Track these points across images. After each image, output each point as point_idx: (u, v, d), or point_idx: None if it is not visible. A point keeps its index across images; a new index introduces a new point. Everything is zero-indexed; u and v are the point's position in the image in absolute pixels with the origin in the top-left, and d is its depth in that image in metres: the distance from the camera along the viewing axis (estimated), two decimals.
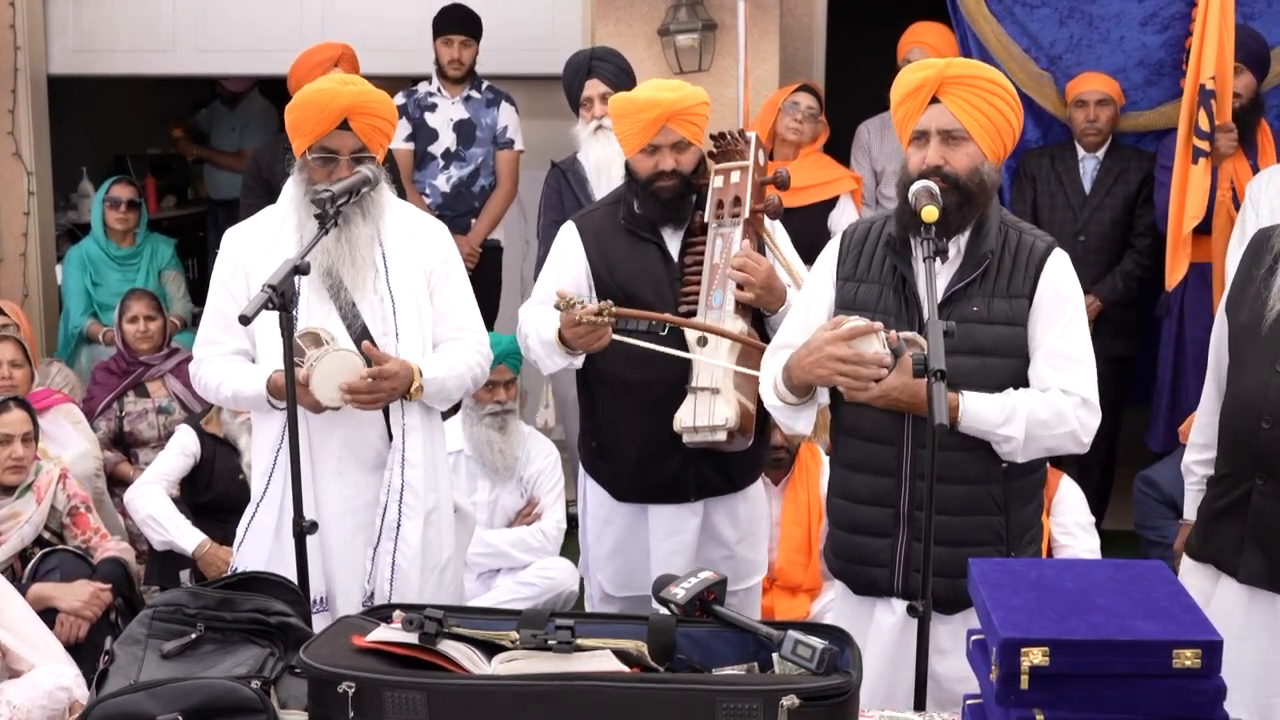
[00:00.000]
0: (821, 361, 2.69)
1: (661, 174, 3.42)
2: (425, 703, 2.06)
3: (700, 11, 5.48)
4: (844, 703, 2.05)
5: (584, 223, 3.56)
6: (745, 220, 3.35)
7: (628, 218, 3.49)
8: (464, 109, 5.67)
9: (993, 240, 2.81)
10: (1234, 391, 2.90)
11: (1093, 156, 5.27)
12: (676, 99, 3.40)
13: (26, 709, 3.02)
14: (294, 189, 3.18)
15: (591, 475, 3.67)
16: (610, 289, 3.45)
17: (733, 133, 3.47)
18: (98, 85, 7.31)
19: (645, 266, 3.46)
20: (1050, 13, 5.34)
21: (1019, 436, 2.72)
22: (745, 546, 3.64)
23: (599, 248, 3.50)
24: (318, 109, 3.07)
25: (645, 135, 3.42)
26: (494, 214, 5.73)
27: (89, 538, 4.09)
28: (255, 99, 8.11)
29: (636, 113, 3.42)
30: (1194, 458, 3.11)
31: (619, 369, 3.43)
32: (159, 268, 5.97)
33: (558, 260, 3.55)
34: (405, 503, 3.16)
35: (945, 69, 2.78)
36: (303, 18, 6.22)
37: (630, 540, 3.60)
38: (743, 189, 3.38)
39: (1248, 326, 2.86)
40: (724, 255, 3.34)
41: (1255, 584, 2.86)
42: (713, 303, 3.31)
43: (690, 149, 3.45)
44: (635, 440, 3.48)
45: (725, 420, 3.18)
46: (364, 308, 3.14)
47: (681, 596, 2.34)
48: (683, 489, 3.49)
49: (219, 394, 3.19)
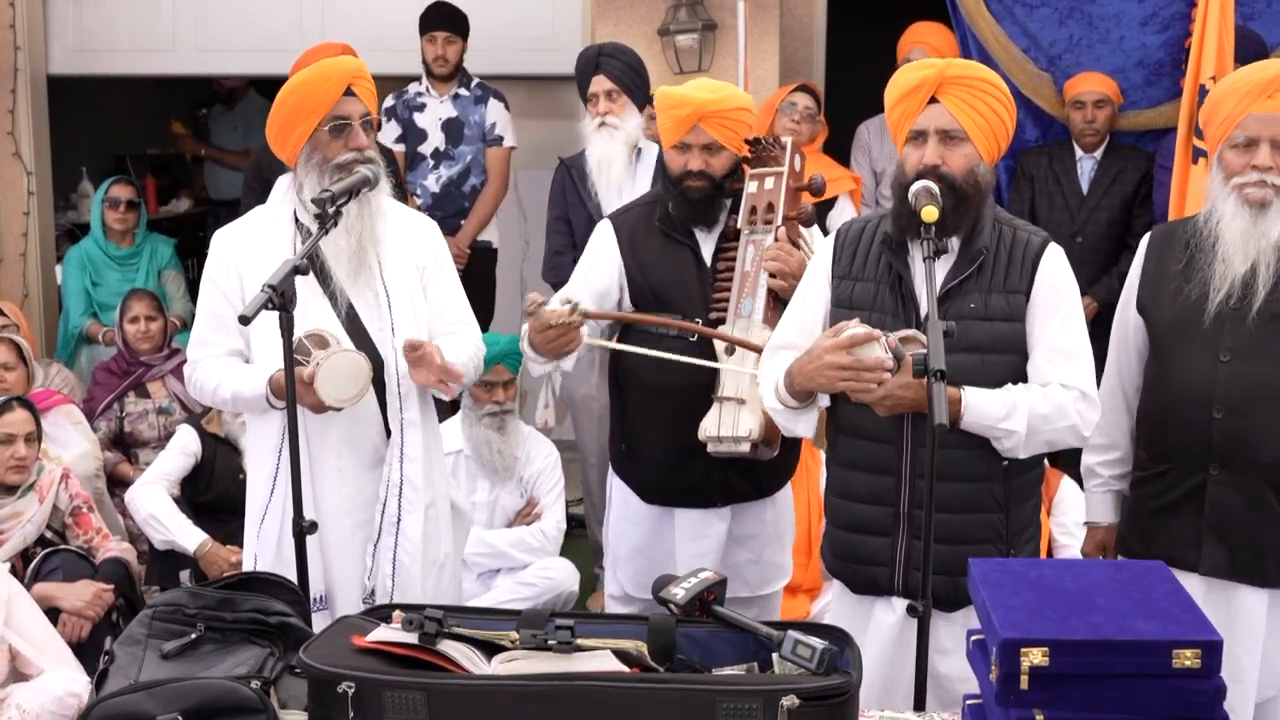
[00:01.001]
0: (822, 370, 2.68)
1: (690, 174, 3.39)
2: (425, 703, 2.06)
3: (700, 11, 5.49)
4: (844, 703, 2.05)
5: (620, 221, 3.53)
6: (778, 227, 3.32)
7: (663, 219, 3.46)
8: (452, 107, 5.65)
9: (987, 236, 2.82)
10: (1173, 385, 2.94)
11: (1090, 156, 5.27)
12: (709, 100, 3.36)
13: (35, 713, 3.01)
14: (290, 182, 3.18)
15: (619, 476, 3.65)
16: (642, 290, 3.43)
17: (768, 138, 3.43)
18: (97, 85, 7.31)
19: (677, 269, 3.43)
20: (1050, 13, 5.34)
21: (1021, 430, 2.73)
22: (772, 551, 3.61)
23: (633, 247, 3.47)
24: (323, 80, 3.09)
25: (677, 132, 3.39)
26: (484, 212, 5.69)
27: (91, 538, 4.09)
28: (255, 98, 8.11)
29: (671, 108, 3.40)
30: (1097, 459, 3.16)
31: (648, 372, 3.40)
32: (159, 267, 5.98)
33: (591, 258, 3.52)
34: (405, 497, 3.17)
35: (945, 69, 2.79)
36: (302, 18, 6.23)
37: (655, 542, 3.57)
38: (776, 195, 3.34)
39: (1175, 321, 2.92)
40: (755, 262, 3.30)
41: (1217, 575, 2.90)
42: (742, 311, 3.27)
43: (723, 152, 3.40)
44: (662, 443, 3.45)
45: (749, 432, 3.15)
46: (360, 306, 3.14)
47: (681, 596, 2.34)
48: (708, 494, 3.46)
49: (216, 396, 3.18)
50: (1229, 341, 2.86)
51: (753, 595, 3.57)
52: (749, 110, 3.47)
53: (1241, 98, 2.86)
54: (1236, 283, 2.84)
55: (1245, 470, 2.86)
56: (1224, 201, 2.87)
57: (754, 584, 3.58)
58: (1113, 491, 3.18)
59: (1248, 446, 2.85)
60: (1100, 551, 3.22)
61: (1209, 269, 2.87)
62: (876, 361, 2.63)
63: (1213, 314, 2.87)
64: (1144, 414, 3.06)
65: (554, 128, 6.29)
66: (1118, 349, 3.09)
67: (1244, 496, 2.87)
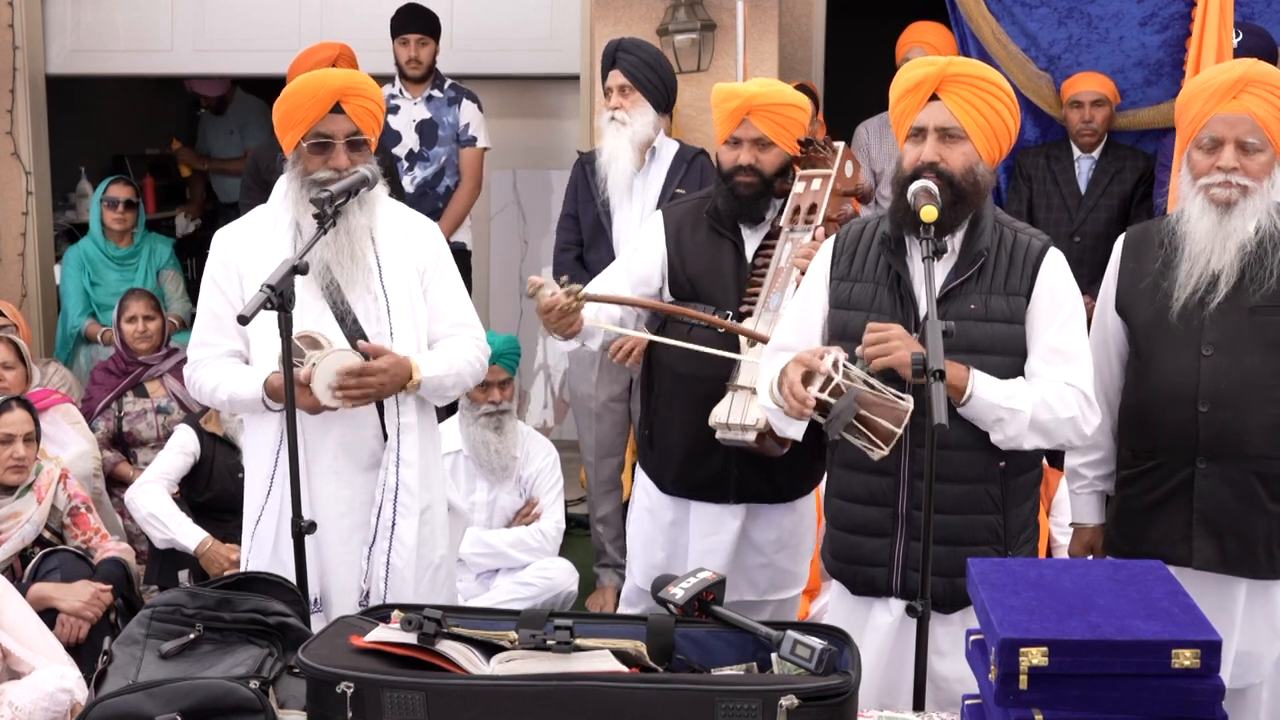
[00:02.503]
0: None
1: (740, 168, 3.41)
2: (424, 703, 2.06)
3: (699, 11, 5.48)
4: (843, 703, 2.05)
5: (671, 212, 3.58)
6: (818, 227, 3.33)
7: (711, 212, 3.49)
8: (425, 109, 5.63)
9: (988, 238, 2.82)
10: (1155, 384, 2.97)
11: (1088, 156, 5.27)
12: (759, 92, 3.39)
13: (29, 710, 3.02)
14: (287, 185, 3.17)
15: (641, 465, 3.67)
16: (680, 280, 3.47)
17: (820, 140, 3.45)
18: (96, 85, 7.31)
19: (717, 263, 3.45)
20: (1049, 12, 5.34)
21: (1025, 411, 2.72)
22: (785, 557, 3.60)
23: (679, 238, 3.50)
24: (310, 94, 3.07)
25: (728, 126, 3.42)
26: (457, 212, 5.66)
27: (89, 538, 4.09)
28: (245, 98, 8.06)
29: (722, 102, 3.43)
30: (1080, 460, 3.19)
31: (675, 360, 3.42)
32: (157, 267, 5.97)
33: (639, 244, 3.58)
34: (400, 501, 3.16)
35: (946, 67, 2.79)
36: (301, 18, 6.22)
37: (671, 536, 3.59)
38: (820, 197, 3.37)
39: (1155, 319, 2.96)
40: (789, 260, 3.32)
41: (1209, 569, 2.92)
42: (770, 304, 3.29)
43: (772, 149, 3.42)
44: (682, 432, 3.47)
45: (756, 421, 3.16)
46: (358, 307, 3.13)
47: (680, 597, 2.34)
48: (723, 488, 3.47)
49: (214, 397, 3.18)
50: (1211, 336, 2.90)
51: (760, 599, 3.58)
52: (801, 109, 3.46)
53: (1207, 99, 2.89)
54: (1209, 280, 2.88)
55: (1232, 462, 2.89)
56: (1191, 202, 2.93)
57: (762, 587, 3.58)
58: (1097, 492, 3.21)
59: (1234, 439, 2.88)
60: (1088, 552, 3.24)
61: (1182, 267, 2.92)
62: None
63: (1192, 310, 2.90)
64: (1127, 413, 3.08)
65: (551, 127, 6.29)
66: (1098, 350, 3.10)
67: (1232, 489, 2.90)
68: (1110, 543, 3.14)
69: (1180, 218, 2.95)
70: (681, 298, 3.46)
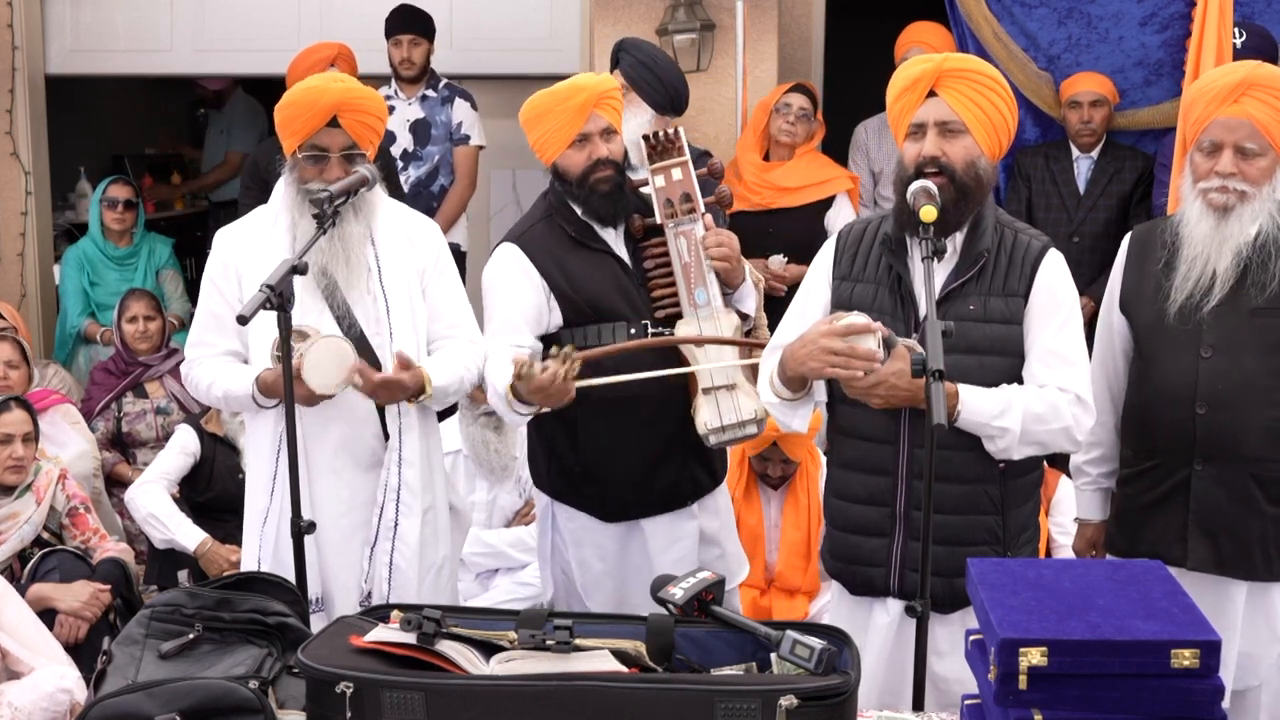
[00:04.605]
0: (815, 354, 2.67)
1: (597, 164, 3.28)
2: (423, 703, 2.06)
3: (699, 11, 5.48)
4: (842, 703, 2.05)
5: (525, 242, 3.33)
6: (704, 214, 3.32)
7: (575, 229, 3.32)
8: (419, 108, 5.65)
9: (989, 239, 2.82)
10: (1155, 384, 2.98)
11: (1087, 156, 5.27)
12: (601, 82, 3.32)
13: (28, 711, 3.02)
14: (285, 188, 3.18)
15: (567, 503, 3.45)
16: (577, 305, 3.28)
17: (660, 132, 3.41)
18: (96, 85, 7.31)
19: (608, 277, 3.32)
20: (1049, 12, 5.34)
21: (1015, 429, 2.72)
22: (730, 542, 3.60)
23: (553, 265, 3.29)
24: (306, 106, 3.07)
25: (575, 125, 3.27)
26: (451, 211, 5.66)
27: (88, 538, 4.09)
28: (240, 99, 8.06)
29: (560, 104, 3.26)
30: (1084, 457, 3.20)
31: (614, 390, 3.19)
32: (157, 267, 5.97)
33: (510, 286, 3.29)
34: (402, 501, 3.16)
35: (943, 63, 2.79)
36: (300, 18, 6.22)
37: (624, 559, 3.45)
38: (689, 184, 3.33)
39: (1156, 319, 2.96)
40: (693, 252, 3.29)
41: (1204, 570, 2.92)
42: (697, 300, 3.26)
43: (616, 137, 3.36)
44: (631, 457, 3.34)
45: (754, 412, 3.17)
46: (358, 308, 3.14)
47: (680, 597, 2.34)
48: (680, 495, 3.42)
49: (210, 394, 3.19)
50: (1210, 338, 2.90)
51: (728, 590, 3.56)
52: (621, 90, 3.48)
53: (1208, 102, 2.89)
54: (1207, 282, 2.88)
55: (1228, 464, 2.90)
56: (1191, 205, 2.93)
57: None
58: (1101, 489, 3.22)
59: (1231, 441, 2.89)
60: (1091, 548, 3.25)
61: (1180, 269, 2.92)
62: (868, 353, 2.63)
63: (1192, 312, 2.90)
64: (1129, 412, 3.09)
65: None
66: (1102, 349, 3.12)
67: (1228, 490, 2.90)
68: (1110, 541, 3.15)
69: (1181, 220, 2.95)
70: (582, 321, 3.28)
